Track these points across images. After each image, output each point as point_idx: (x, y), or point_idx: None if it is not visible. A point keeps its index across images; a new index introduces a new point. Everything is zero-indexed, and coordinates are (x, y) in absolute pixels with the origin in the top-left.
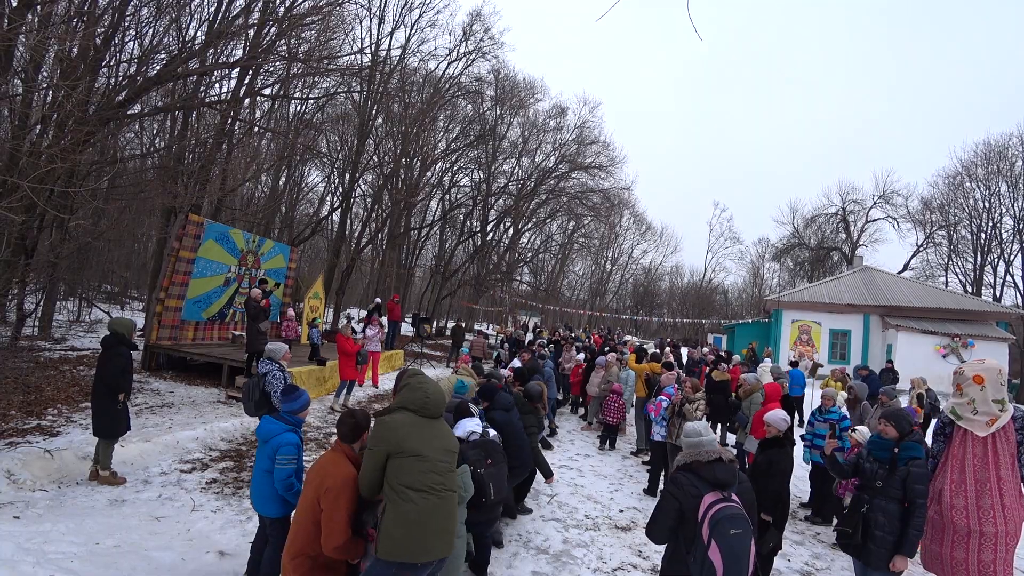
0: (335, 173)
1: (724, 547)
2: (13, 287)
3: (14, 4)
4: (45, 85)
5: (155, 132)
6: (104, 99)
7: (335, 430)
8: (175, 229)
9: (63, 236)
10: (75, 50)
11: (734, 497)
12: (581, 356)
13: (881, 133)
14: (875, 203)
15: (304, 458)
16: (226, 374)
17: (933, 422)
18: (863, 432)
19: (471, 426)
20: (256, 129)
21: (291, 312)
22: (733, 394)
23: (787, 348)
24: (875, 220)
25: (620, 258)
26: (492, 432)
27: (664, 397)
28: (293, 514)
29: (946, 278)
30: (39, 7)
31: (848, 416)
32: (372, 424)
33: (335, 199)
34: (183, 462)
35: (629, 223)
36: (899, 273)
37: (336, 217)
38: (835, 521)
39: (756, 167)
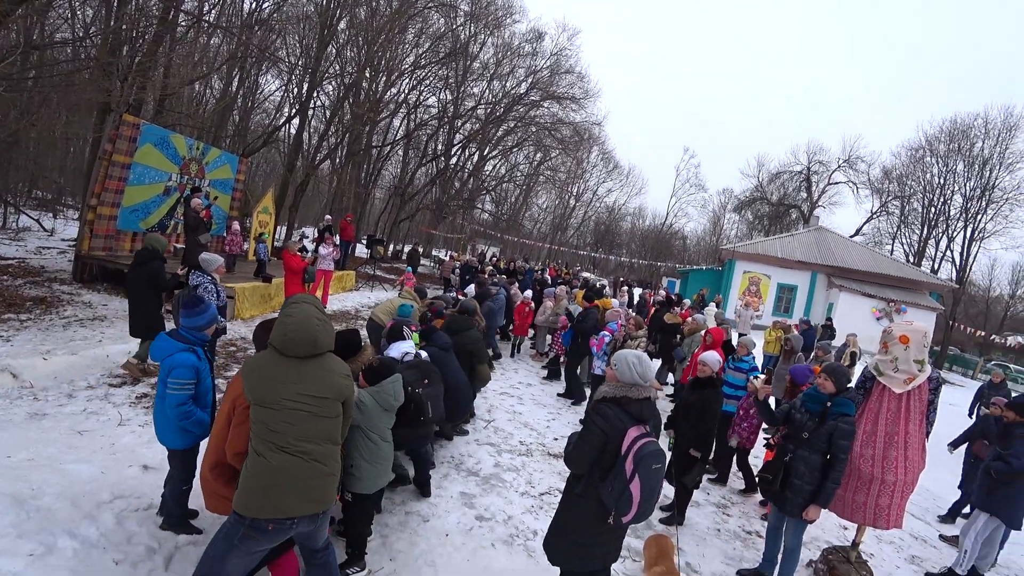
0: (293, 81)
1: (645, 481)
2: None
3: None
4: None
5: (89, 21)
6: None
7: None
8: (108, 130)
9: None
10: None
11: (652, 431)
12: (529, 294)
13: (863, 99)
14: (839, 166)
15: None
16: None
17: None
18: (760, 380)
19: (405, 347)
20: (204, 24)
21: (236, 226)
22: (679, 336)
23: (736, 297)
24: (837, 183)
25: (585, 195)
26: (424, 354)
27: (607, 332)
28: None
29: (892, 246)
30: None
31: (758, 368)
32: None
33: (292, 110)
34: (112, 376)
35: (597, 160)
36: (851, 237)
37: (293, 128)
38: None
39: (732, 119)
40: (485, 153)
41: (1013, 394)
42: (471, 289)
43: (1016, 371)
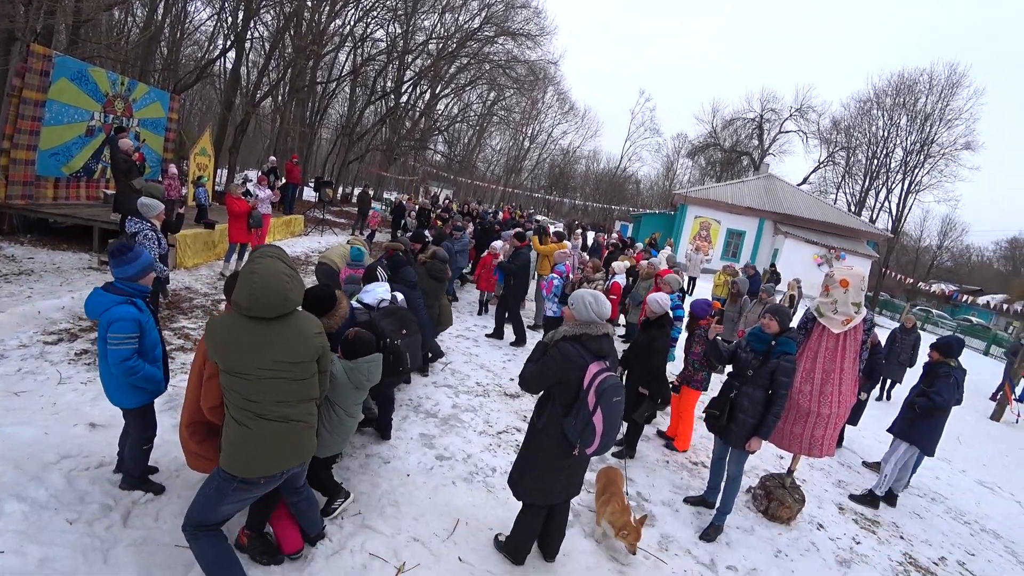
0: (226, 9)
1: (607, 413)
2: None
3: None
4: None
5: None
6: None
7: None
8: (15, 63)
9: None
10: None
11: (609, 365)
12: (499, 245)
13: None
14: (791, 115)
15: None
16: (97, 237)
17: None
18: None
19: (381, 292)
20: None
21: (173, 169)
22: (631, 279)
23: (687, 242)
24: (788, 132)
25: (539, 136)
26: (400, 297)
27: (556, 275)
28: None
29: (836, 196)
30: None
31: (681, 305)
32: None
33: (227, 41)
34: (47, 333)
35: (552, 100)
36: (798, 185)
37: (229, 63)
38: None
39: (689, 64)
40: (437, 91)
41: (925, 339)
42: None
43: (938, 316)
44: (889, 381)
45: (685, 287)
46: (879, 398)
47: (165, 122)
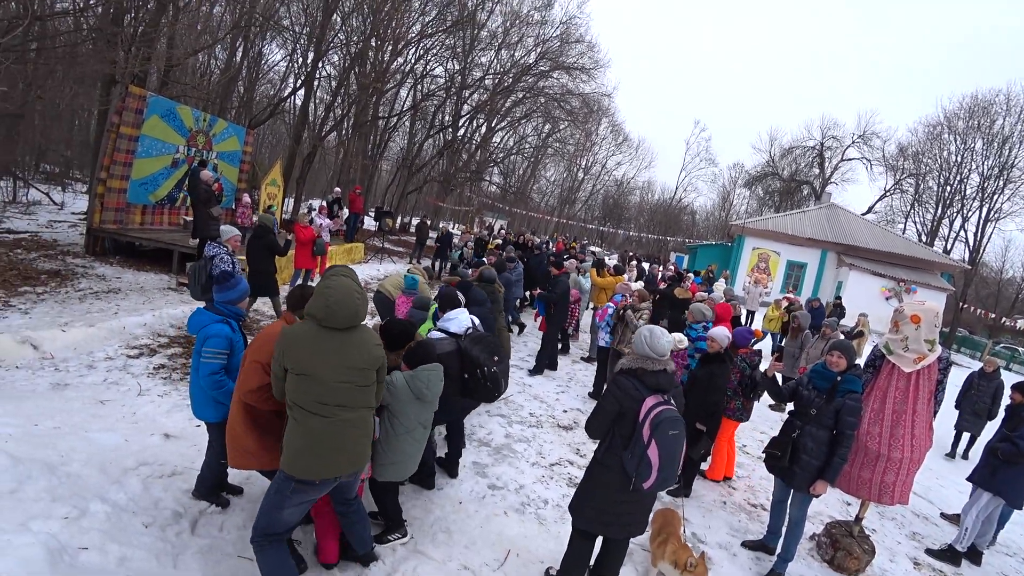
0: (298, 51)
1: (662, 447)
2: None
3: None
4: None
5: None
6: None
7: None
8: (115, 102)
9: None
10: None
11: (671, 400)
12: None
13: (879, 73)
14: (853, 142)
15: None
16: (176, 260)
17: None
18: (677, 338)
19: (464, 320)
20: None
21: (247, 199)
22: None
23: (745, 274)
24: (850, 160)
25: (593, 167)
26: (477, 321)
27: (611, 303)
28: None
29: (905, 225)
30: None
31: (705, 337)
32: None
33: (297, 80)
34: (130, 347)
35: (606, 132)
36: (863, 215)
37: (299, 100)
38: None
39: (745, 92)
40: (493, 124)
41: (1009, 381)
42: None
43: None
44: (967, 435)
45: (742, 319)
46: (951, 454)
47: (240, 155)
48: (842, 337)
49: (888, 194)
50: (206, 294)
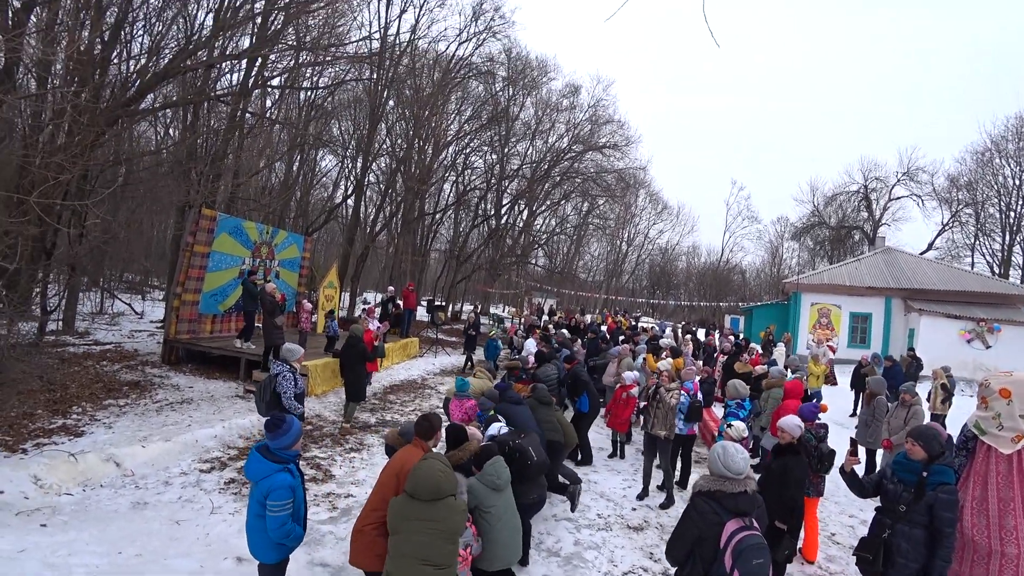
0: (348, 158)
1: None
2: (35, 290)
3: (17, 5)
4: (57, 82)
5: (168, 122)
6: (113, 96)
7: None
8: (189, 224)
9: (80, 235)
10: (83, 46)
11: (755, 524)
12: (632, 376)
13: (903, 108)
14: (899, 180)
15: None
16: (243, 367)
17: (952, 412)
18: (738, 428)
19: (494, 429)
20: (267, 119)
21: (307, 304)
22: (749, 385)
23: (806, 332)
24: (898, 198)
25: (636, 238)
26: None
27: (683, 392)
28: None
29: (972, 259)
30: (43, 7)
31: (737, 413)
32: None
33: (348, 185)
34: (202, 461)
35: (645, 203)
36: (922, 253)
37: (350, 203)
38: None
39: (776, 145)
40: (534, 209)
41: None
42: (531, 344)
43: None
44: None
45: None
46: None
47: (300, 261)
48: (925, 403)
49: (947, 228)
50: (271, 410)
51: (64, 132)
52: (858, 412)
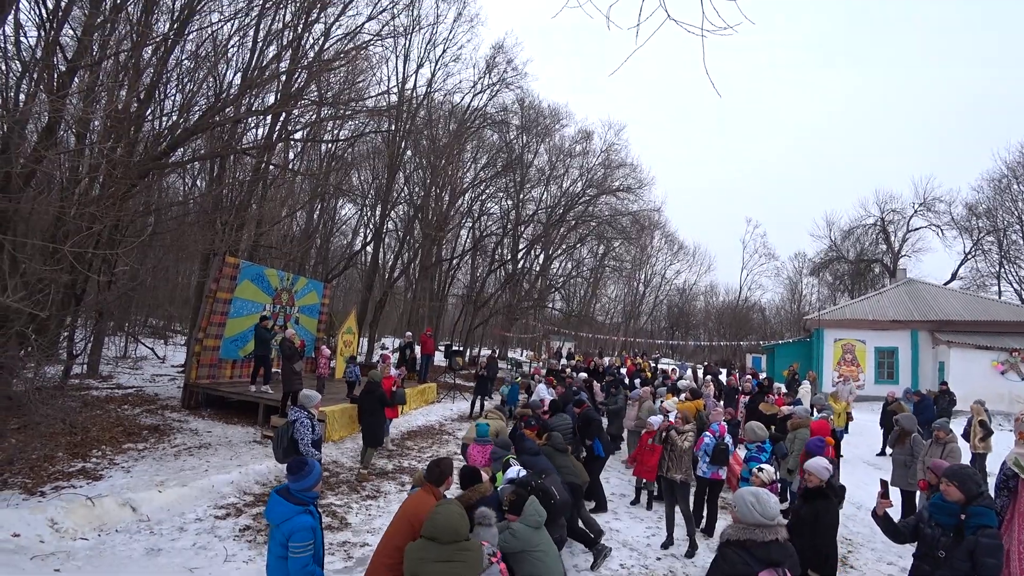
0: (367, 207)
1: None
2: (63, 334)
3: (63, 69)
4: (95, 138)
5: (196, 173)
6: (146, 150)
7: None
8: (213, 271)
9: (109, 281)
10: (120, 105)
11: (787, 574)
12: (657, 421)
13: (911, 140)
14: (916, 211)
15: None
16: (262, 413)
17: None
18: (768, 472)
19: (511, 473)
20: (290, 170)
21: (326, 350)
22: (774, 427)
23: (831, 369)
24: (917, 229)
25: (653, 279)
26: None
27: (708, 433)
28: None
29: (999, 287)
30: (86, 71)
31: (759, 457)
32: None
33: (367, 232)
34: (218, 507)
35: (660, 244)
36: (946, 284)
37: (369, 250)
38: None
39: (788, 181)
40: (550, 253)
41: None
42: (542, 389)
43: None
44: None
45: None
46: None
47: (319, 307)
48: (960, 439)
49: (970, 257)
50: (288, 456)
51: (99, 184)
52: (889, 452)
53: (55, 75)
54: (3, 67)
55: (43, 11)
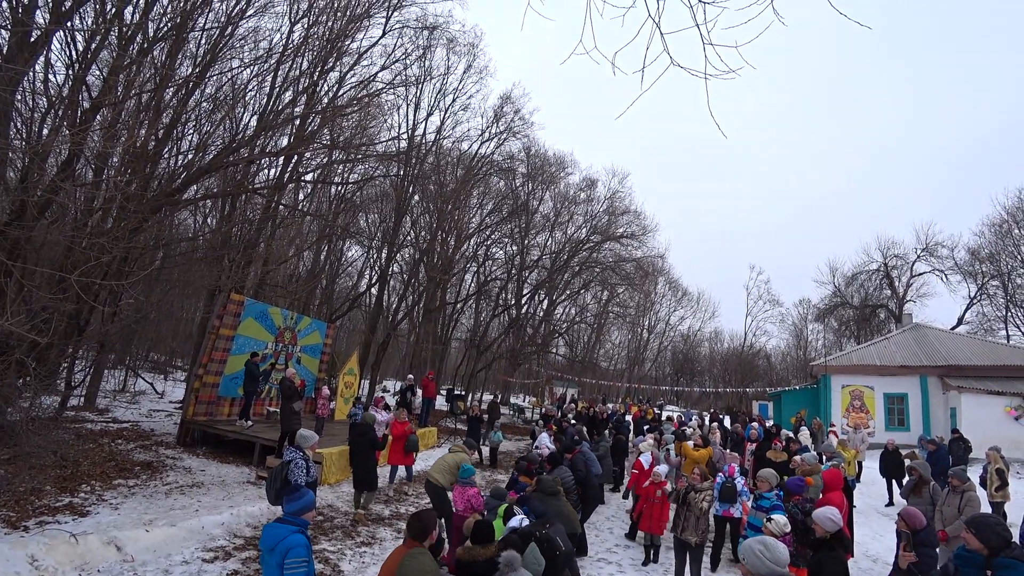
0: (373, 249)
1: None
2: (62, 364)
3: (86, 106)
4: (112, 172)
5: (207, 211)
6: (160, 187)
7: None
8: (217, 307)
9: (114, 313)
10: (139, 143)
11: None
12: (663, 470)
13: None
14: (919, 256)
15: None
16: (257, 453)
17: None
18: (779, 523)
19: (515, 521)
20: (299, 211)
21: (326, 391)
22: (785, 476)
23: (839, 416)
24: (921, 274)
25: (657, 326)
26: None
27: (722, 475)
28: None
29: (1006, 331)
30: (109, 109)
31: (781, 506)
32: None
33: (373, 274)
34: (206, 550)
35: (664, 290)
36: (953, 329)
37: (374, 292)
38: None
39: (791, 229)
40: (554, 298)
41: None
42: (544, 438)
43: None
44: None
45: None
46: None
47: (322, 347)
48: (978, 487)
49: (975, 301)
50: (280, 499)
51: (112, 217)
52: (901, 501)
53: (79, 111)
54: (30, 102)
55: (73, 52)
